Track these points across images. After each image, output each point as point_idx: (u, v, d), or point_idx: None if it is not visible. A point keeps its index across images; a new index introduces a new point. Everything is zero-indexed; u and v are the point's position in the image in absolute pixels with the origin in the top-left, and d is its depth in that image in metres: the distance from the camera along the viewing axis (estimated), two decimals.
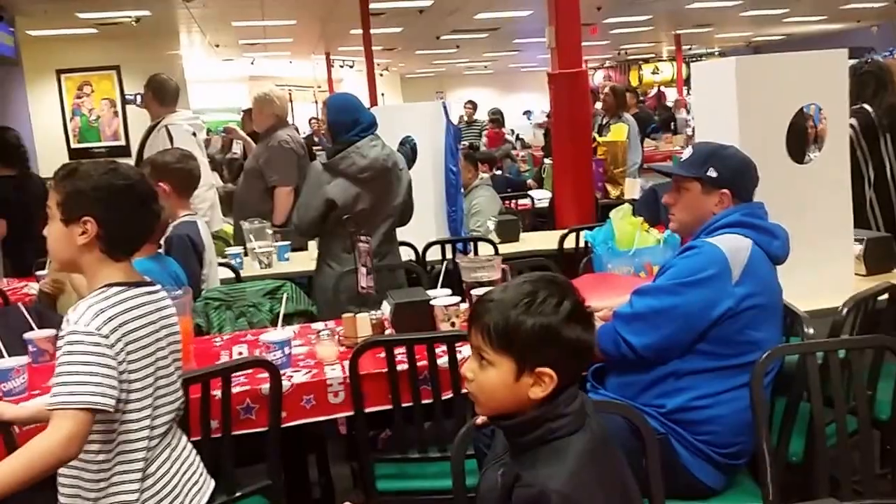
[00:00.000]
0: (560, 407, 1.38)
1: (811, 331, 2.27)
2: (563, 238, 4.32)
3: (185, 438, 1.88)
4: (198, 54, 16.49)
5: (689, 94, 19.66)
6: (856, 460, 2.07)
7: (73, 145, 12.61)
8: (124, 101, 12.05)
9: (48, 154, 10.93)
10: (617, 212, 3.24)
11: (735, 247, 2.11)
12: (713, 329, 2.07)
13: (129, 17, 11.32)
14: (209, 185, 4.78)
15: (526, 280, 1.43)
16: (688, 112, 13.34)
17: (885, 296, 2.51)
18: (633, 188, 5.87)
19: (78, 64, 12.51)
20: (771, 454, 1.99)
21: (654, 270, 3.11)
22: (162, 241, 2.99)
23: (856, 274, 3.11)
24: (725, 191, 2.20)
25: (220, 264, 3.85)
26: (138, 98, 5.07)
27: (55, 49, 12.19)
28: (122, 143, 12.13)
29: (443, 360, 2.35)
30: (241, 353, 2.67)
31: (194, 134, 4.67)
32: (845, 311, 2.31)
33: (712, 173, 2.21)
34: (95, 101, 12.68)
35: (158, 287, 1.84)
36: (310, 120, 16.65)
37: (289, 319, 2.97)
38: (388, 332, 2.70)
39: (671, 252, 3.06)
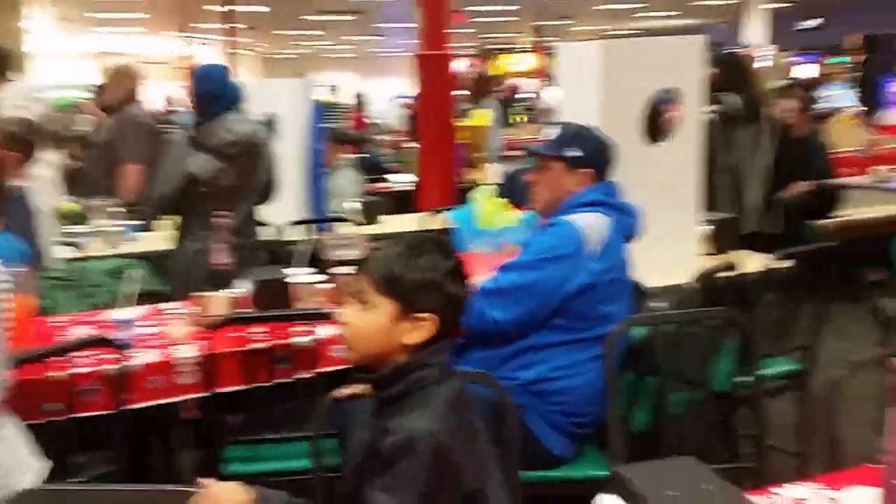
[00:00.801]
0: (429, 357, 1.42)
1: (663, 304, 2.38)
2: (423, 219, 4.34)
3: (9, 420, 1.73)
4: (43, 28, 15.39)
5: (546, 84, 20.34)
6: (698, 430, 2.19)
7: None
8: None
9: None
10: (479, 192, 3.29)
11: (592, 224, 2.18)
12: (570, 303, 2.15)
13: None
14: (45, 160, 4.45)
15: (414, 236, 1.51)
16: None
17: (728, 272, 2.66)
18: (492, 173, 5.98)
19: None
20: (619, 422, 2.09)
21: (513, 249, 3.17)
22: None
23: (707, 254, 3.29)
24: (586, 170, 2.28)
25: (65, 243, 3.62)
26: None
27: None
28: None
29: (303, 339, 2.29)
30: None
31: (35, 105, 4.30)
32: (691, 285, 2.44)
33: (575, 153, 2.28)
34: None
35: None
36: (166, 97, 15.87)
37: (139, 300, 2.80)
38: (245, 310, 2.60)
39: (531, 231, 3.14)
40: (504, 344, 2.18)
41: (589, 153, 2.29)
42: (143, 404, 2.21)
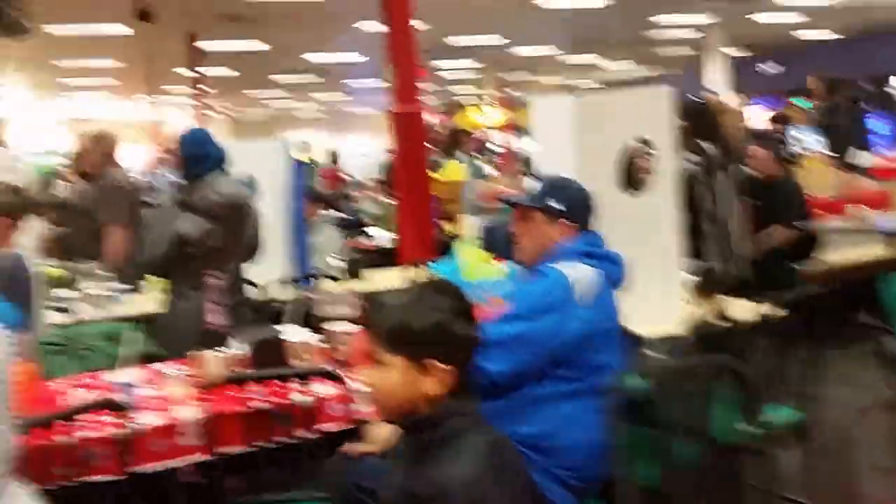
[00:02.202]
0: (457, 405, 1.43)
1: (654, 354, 2.43)
2: (405, 272, 4.40)
3: (21, 489, 1.74)
4: (14, 94, 15.42)
5: (515, 135, 20.69)
6: (704, 482, 2.18)
7: None
8: None
9: None
10: (461, 245, 3.37)
11: (579, 273, 2.22)
12: (564, 353, 2.16)
13: None
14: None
15: (415, 284, 1.51)
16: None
17: (719, 321, 2.72)
18: (469, 225, 6.07)
19: None
20: (624, 476, 2.08)
21: (498, 301, 3.24)
22: None
23: (691, 302, 3.37)
24: (567, 221, 2.33)
25: (53, 308, 3.63)
26: None
27: None
28: None
29: (300, 398, 2.33)
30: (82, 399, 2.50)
31: (14, 171, 4.35)
32: (688, 334, 2.49)
33: (555, 204, 2.34)
34: None
35: None
36: (152, 160, 15.88)
37: (131, 362, 2.83)
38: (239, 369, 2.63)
39: (517, 282, 3.21)
40: (501, 396, 2.16)
41: (570, 204, 2.34)
42: (149, 467, 2.21)
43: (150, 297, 3.90)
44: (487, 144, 16.96)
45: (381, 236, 6.83)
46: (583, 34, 13.42)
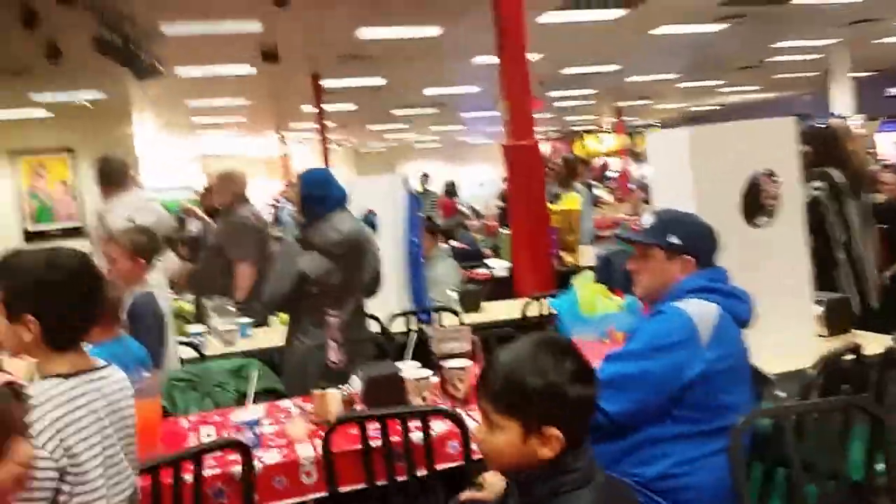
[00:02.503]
0: (569, 463, 1.40)
1: (783, 394, 2.30)
2: (525, 306, 4.36)
3: None
4: (151, 134, 16.49)
5: (632, 162, 20.32)
6: None
7: (29, 227, 12.49)
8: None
9: (2, 236, 10.84)
10: (579, 278, 3.30)
11: (702, 311, 2.14)
12: (686, 394, 2.08)
13: (84, 99, 11.36)
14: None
15: (527, 342, 1.46)
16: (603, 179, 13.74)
17: (850, 356, 2.56)
18: (588, 255, 5.98)
19: (32, 146, 12.49)
20: None
21: (617, 336, 3.16)
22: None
23: (818, 335, 3.19)
24: (688, 257, 2.25)
25: (182, 343, 3.79)
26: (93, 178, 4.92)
27: (9, 131, 12.15)
28: (78, 224, 11.99)
29: (418, 436, 2.33)
30: (209, 436, 2.60)
31: (132, 220, 4.53)
32: (815, 372, 2.35)
33: (674, 240, 2.26)
34: (50, 183, 12.62)
35: (109, 372, 1.78)
36: (276, 194, 16.70)
37: (256, 398, 2.92)
38: (358, 407, 2.67)
39: (634, 317, 3.12)
40: (620, 437, 2.11)
41: (689, 239, 2.26)
42: None
43: (275, 333, 4.02)
44: (606, 172, 16.78)
45: (499, 267, 6.81)
46: (701, 59, 13.06)
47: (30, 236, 12.21)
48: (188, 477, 2.08)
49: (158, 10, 7.21)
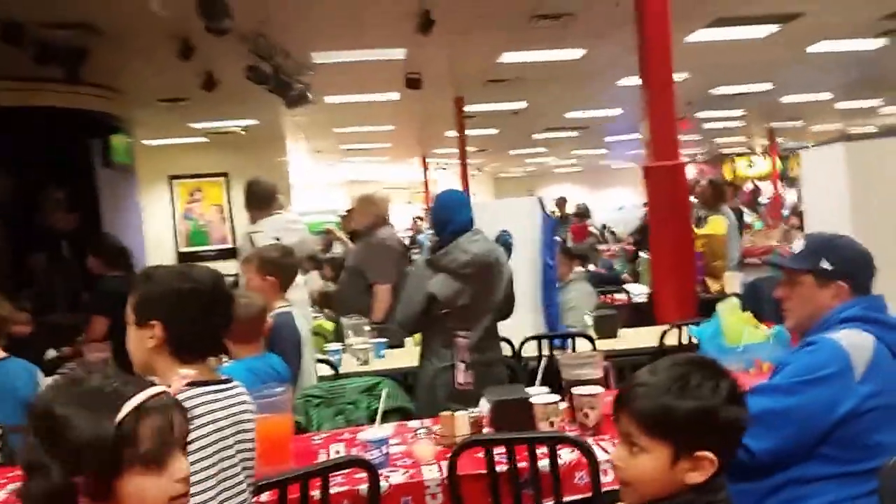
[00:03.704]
0: (712, 494, 1.33)
1: None
2: (664, 333, 4.18)
3: None
4: (301, 160, 17.26)
5: (783, 188, 19.22)
6: None
7: (182, 248, 13.28)
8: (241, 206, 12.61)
9: (158, 257, 11.61)
10: (725, 305, 3.12)
11: (857, 343, 1.97)
12: (836, 431, 1.92)
13: (238, 126, 12.07)
14: (300, 283, 4.89)
15: (675, 363, 1.40)
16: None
17: None
18: (734, 282, 5.68)
19: (189, 171, 13.33)
20: None
21: (764, 367, 2.96)
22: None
23: None
24: (842, 283, 2.09)
25: (319, 360, 3.89)
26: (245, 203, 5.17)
27: (168, 156, 13.01)
28: (230, 245, 12.64)
29: (544, 462, 2.26)
30: (338, 452, 2.63)
31: (278, 239, 4.71)
32: None
33: (826, 265, 2.10)
34: (205, 207, 13.43)
35: (232, 385, 1.82)
36: (413, 219, 17.11)
37: (386, 417, 2.94)
38: (486, 430, 2.63)
39: (782, 348, 2.91)
40: (764, 476, 1.97)
41: (842, 264, 2.10)
42: None
43: (409, 352, 4.06)
44: (757, 198, 15.97)
45: (638, 293, 6.60)
46: (859, 77, 12.19)
47: (183, 257, 12.98)
48: (316, 493, 2.11)
49: (309, 40, 7.54)
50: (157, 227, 12.66)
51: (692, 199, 7.40)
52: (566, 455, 2.32)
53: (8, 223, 7.58)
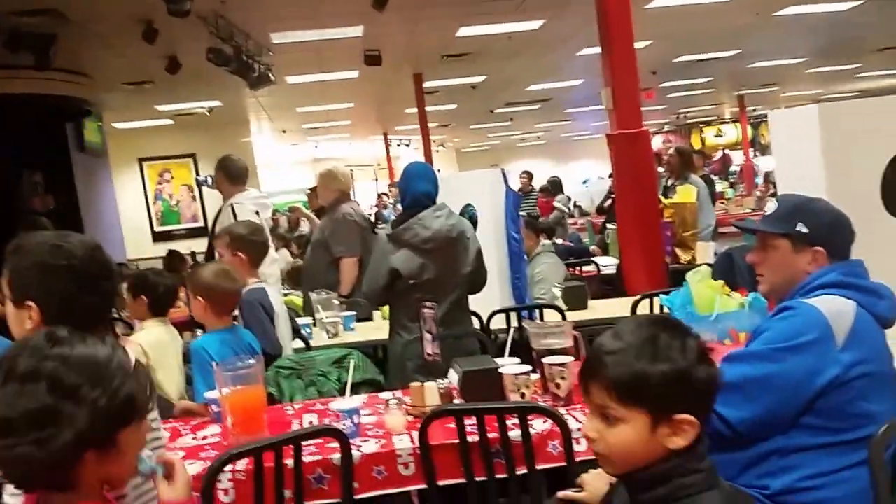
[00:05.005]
0: (694, 461, 1.28)
1: None
2: (635, 304, 4.18)
3: None
4: (266, 140, 17.12)
5: (755, 155, 19.29)
6: None
7: (157, 228, 13.36)
8: (198, 184, 12.78)
9: (134, 237, 11.68)
10: (694, 274, 3.10)
11: (837, 309, 1.91)
12: (819, 400, 1.85)
13: (203, 107, 11.92)
14: (272, 259, 4.86)
15: (638, 325, 1.33)
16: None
17: None
18: (706, 252, 5.69)
19: (158, 153, 13.35)
20: None
21: (739, 336, 2.95)
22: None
23: None
24: (819, 248, 2.02)
25: (295, 335, 3.88)
26: (209, 179, 5.19)
27: (137, 139, 13.01)
28: (201, 224, 12.72)
29: (515, 433, 2.24)
30: (311, 423, 2.63)
31: (257, 213, 4.74)
32: None
33: (802, 229, 2.03)
34: (175, 187, 13.53)
35: None
36: (379, 195, 17.14)
37: (356, 388, 2.92)
38: (456, 401, 2.61)
39: (757, 317, 2.88)
40: (744, 447, 1.90)
41: (819, 228, 2.02)
42: (370, 493, 2.24)
43: (376, 326, 4.04)
44: (729, 167, 16.05)
45: (607, 264, 6.62)
46: (832, 41, 12.17)
47: (157, 236, 13.06)
48: (289, 462, 2.09)
49: (268, 21, 7.45)
50: (130, 208, 12.70)
51: (660, 169, 7.43)
52: (539, 425, 2.30)
53: None
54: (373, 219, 8.81)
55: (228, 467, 2.08)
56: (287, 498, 2.10)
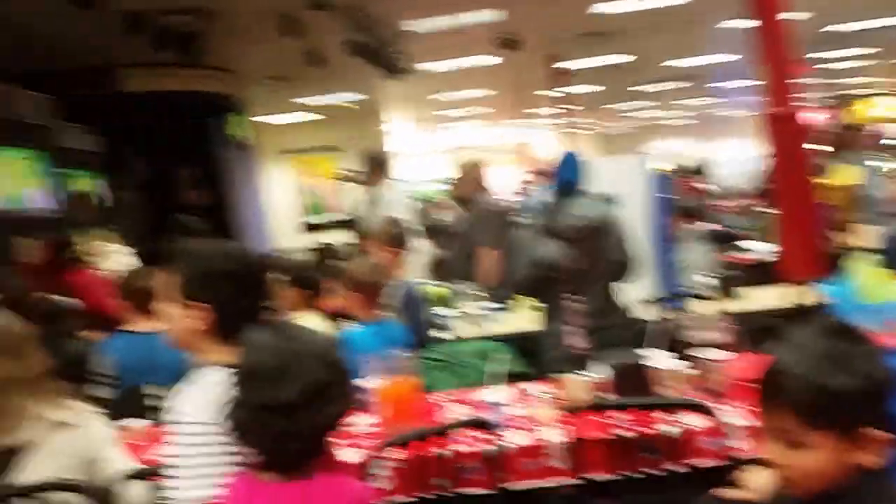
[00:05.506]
0: (875, 474, 1.19)
1: None
2: (797, 295, 3.95)
3: None
4: (403, 130, 17.46)
5: None
6: None
7: (303, 219, 14.03)
8: (343, 177, 13.18)
9: (281, 228, 12.23)
10: (858, 261, 2.92)
11: None
12: None
13: (346, 101, 12.34)
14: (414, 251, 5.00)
15: (814, 332, 1.24)
16: None
17: None
18: (872, 236, 5.30)
19: (301, 146, 13.89)
20: None
21: None
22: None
23: None
24: None
25: (437, 326, 3.95)
26: (355, 172, 5.40)
27: (280, 133, 13.58)
28: (345, 216, 13.13)
29: (667, 428, 2.20)
30: (459, 414, 2.64)
31: (403, 205, 4.86)
32: None
33: None
34: (319, 179, 14.09)
35: None
36: (522, 182, 17.06)
37: (504, 380, 2.95)
38: (605, 395, 2.58)
39: None
40: None
41: None
42: (519, 485, 2.26)
43: (521, 317, 4.05)
44: (883, 140, 14.84)
45: (760, 250, 6.31)
46: None
47: (308, 228, 13.67)
48: (441, 451, 2.15)
49: (402, 9, 7.53)
50: (277, 200, 13.22)
51: (819, 147, 6.94)
52: (689, 420, 2.25)
53: (150, 202, 8.22)
54: (516, 207, 8.85)
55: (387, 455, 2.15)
56: (434, 485, 2.15)
